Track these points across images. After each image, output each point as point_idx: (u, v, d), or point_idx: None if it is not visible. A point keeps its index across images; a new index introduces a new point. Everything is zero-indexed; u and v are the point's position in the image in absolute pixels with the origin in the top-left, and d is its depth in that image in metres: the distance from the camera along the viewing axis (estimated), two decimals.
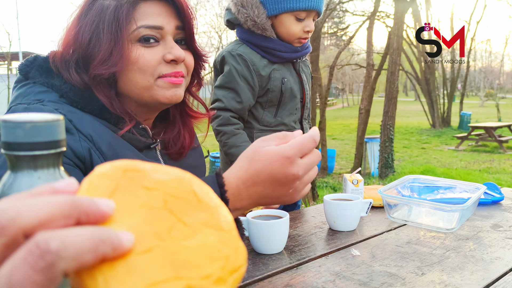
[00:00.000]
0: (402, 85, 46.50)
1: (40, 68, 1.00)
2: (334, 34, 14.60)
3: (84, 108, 0.97)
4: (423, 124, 17.75)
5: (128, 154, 0.98)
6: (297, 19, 1.51)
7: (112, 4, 0.97)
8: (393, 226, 1.26)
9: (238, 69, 1.53)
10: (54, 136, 0.51)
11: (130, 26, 0.97)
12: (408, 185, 1.49)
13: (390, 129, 7.80)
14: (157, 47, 1.00)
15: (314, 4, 1.49)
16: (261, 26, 1.50)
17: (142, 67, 0.98)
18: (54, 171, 0.52)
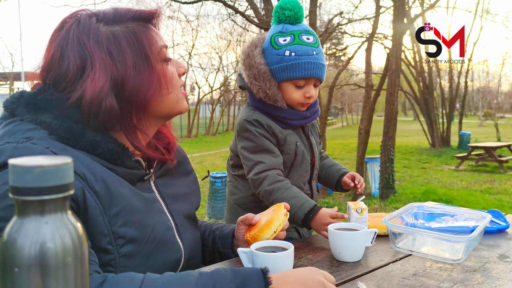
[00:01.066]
0: (401, 104, 46.77)
1: (27, 105, 0.97)
2: (333, 54, 14.74)
3: (75, 145, 0.94)
4: (423, 144, 17.76)
5: (122, 190, 0.97)
6: (296, 87, 1.56)
7: (123, 31, 0.99)
8: (399, 256, 1.25)
9: (260, 132, 1.56)
10: (63, 180, 0.50)
11: (155, 47, 1.02)
12: (412, 213, 1.48)
13: (390, 149, 7.80)
14: (171, 62, 1.08)
15: (311, 72, 1.53)
16: (272, 98, 1.55)
17: (174, 82, 1.06)
18: (62, 215, 0.51)
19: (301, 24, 1.60)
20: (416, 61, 15.76)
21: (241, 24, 9.19)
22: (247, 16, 5.93)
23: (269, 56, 1.56)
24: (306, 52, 1.52)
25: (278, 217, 1.19)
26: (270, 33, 1.60)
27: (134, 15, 1.02)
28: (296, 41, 1.53)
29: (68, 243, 0.51)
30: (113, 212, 0.94)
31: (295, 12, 1.56)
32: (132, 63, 0.97)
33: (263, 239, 1.16)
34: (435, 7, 11.10)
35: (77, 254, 0.51)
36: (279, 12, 1.58)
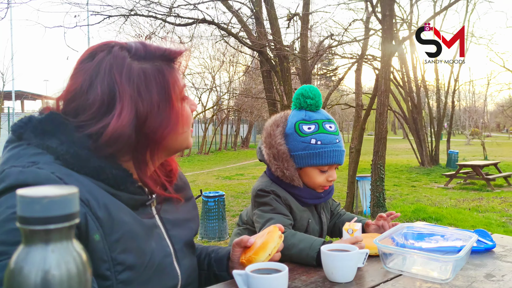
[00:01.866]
0: (390, 123, 47.28)
1: (35, 129, 0.99)
2: (323, 75, 14.95)
3: (80, 171, 0.96)
4: (412, 162, 17.92)
5: (123, 216, 0.98)
6: (321, 172, 1.64)
7: (152, 69, 1.03)
8: (389, 277, 1.27)
9: (277, 199, 1.62)
10: (69, 209, 0.53)
11: (178, 87, 1.06)
12: (402, 233, 1.51)
13: (381, 168, 7.87)
14: (187, 100, 1.12)
15: (336, 159, 1.63)
16: (289, 178, 1.62)
17: (189, 120, 1.11)
18: (67, 243, 0.54)
19: (321, 111, 1.70)
20: (404, 81, 16.05)
21: (234, 45, 9.31)
22: (240, 38, 6.03)
23: (293, 142, 1.63)
24: (330, 141, 1.62)
25: (273, 240, 1.21)
26: (293, 119, 1.66)
27: (163, 53, 1.05)
28: (320, 130, 1.62)
29: (73, 270, 0.53)
30: (113, 238, 0.95)
31: (316, 101, 1.65)
32: (157, 102, 1.01)
33: (258, 261, 1.17)
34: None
35: (81, 280, 0.53)
36: (301, 100, 1.66)
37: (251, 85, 12.74)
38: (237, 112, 24.54)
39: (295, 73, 8.32)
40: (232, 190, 11.27)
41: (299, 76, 7.76)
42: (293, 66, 8.30)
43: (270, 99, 6.47)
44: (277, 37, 6.00)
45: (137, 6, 6.89)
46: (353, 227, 1.42)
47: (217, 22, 6.29)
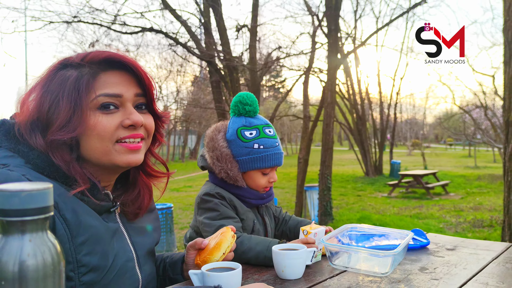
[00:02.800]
0: (337, 135, 48.75)
1: (7, 133, 1.02)
2: (272, 86, 15.27)
3: (50, 175, 0.99)
4: (358, 172, 18.59)
5: (90, 220, 1.02)
6: (263, 174, 1.74)
7: (73, 74, 1.03)
8: (335, 273, 1.38)
9: (223, 203, 1.67)
10: (45, 202, 0.58)
11: (90, 95, 1.03)
12: (347, 233, 1.63)
13: (328, 178, 8.15)
14: (116, 113, 1.06)
15: (277, 162, 1.73)
16: (233, 178, 1.69)
17: (101, 132, 1.03)
18: (42, 234, 0.58)
19: (259, 117, 1.78)
20: (349, 94, 16.73)
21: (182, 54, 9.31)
22: (188, 48, 6.06)
23: (236, 147, 1.70)
24: (272, 145, 1.72)
25: (227, 239, 1.27)
26: (234, 125, 1.72)
27: (100, 59, 1.06)
28: (261, 135, 1.71)
29: (48, 259, 0.57)
30: (79, 240, 0.98)
31: (254, 107, 1.73)
32: (63, 101, 1.01)
33: (213, 261, 1.23)
34: (366, 44, 11.95)
35: (55, 269, 0.58)
36: (239, 107, 1.72)
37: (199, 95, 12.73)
38: (185, 123, 24.33)
39: (244, 84, 8.47)
40: (180, 202, 11.16)
41: (248, 87, 7.91)
42: (242, 77, 8.44)
43: (219, 110, 6.54)
44: (226, 47, 6.10)
45: (80, 12, 6.72)
46: (309, 229, 1.52)
47: (165, 32, 6.27)
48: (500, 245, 1.75)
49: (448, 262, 1.51)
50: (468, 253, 1.62)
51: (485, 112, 13.53)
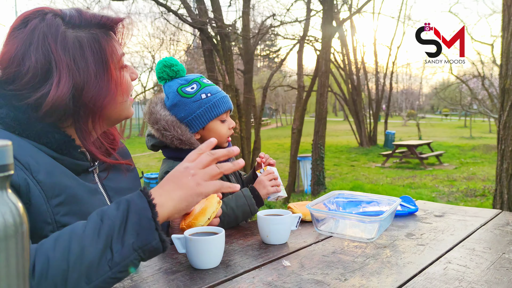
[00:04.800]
0: (331, 105, 48.65)
1: None
2: (266, 56, 15.07)
3: (21, 134, 0.96)
4: (352, 143, 18.68)
5: (65, 180, 0.99)
6: (221, 122, 1.68)
7: (88, 37, 1.01)
8: (320, 238, 1.37)
9: None
10: (2, 161, 0.54)
11: (116, 55, 1.05)
12: (334, 200, 1.62)
13: (321, 148, 8.16)
14: (126, 68, 1.11)
15: (228, 104, 1.70)
16: (187, 142, 1.61)
17: (128, 88, 1.10)
18: (2, 193, 0.55)
19: (194, 74, 1.73)
20: (345, 63, 16.57)
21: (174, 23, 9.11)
22: (179, 15, 5.92)
23: (184, 107, 1.62)
24: (217, 90, 1.68)
25: (212, 205, 1.26)
26: (171, 89, 1.65)
27: (99, 21, 1.04)
28: (203, 85, 1.66)
29: (8, 220, 0.54)
30: (56, 201, 0.96)
31: (181, 66, 1.67)
32: (93, 70, 1.00)
33: (198, 226, 1.22)
34: (362, 12, 11.74)
35: (18, 230, 0.55)
36: (167, 71, 1.65)
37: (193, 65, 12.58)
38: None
39: (237, 53, 8.34)
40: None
41: (241, 56, 7.79)
42: (236, 46, 8.31)
43: (212, 79, 6.45)
44: (218, 14, 5.95)
45: None
46: (267, 168, 1.65)
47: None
48: (489, 211, 1.75)
49: (435, 228, 1.51)
50: (456, 219, 1.62)
51: (483, 81, 13.48)
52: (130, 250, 0.84)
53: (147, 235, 0.85)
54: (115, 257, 0.82)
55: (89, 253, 0.81)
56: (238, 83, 10.51)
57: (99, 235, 0.83)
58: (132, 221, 0.85)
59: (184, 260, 1.17)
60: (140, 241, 0.84)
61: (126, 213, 0.85)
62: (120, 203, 0.88)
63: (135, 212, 0.86)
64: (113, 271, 0.82)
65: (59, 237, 0.83)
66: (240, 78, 9.05)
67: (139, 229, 0.85)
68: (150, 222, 0.86)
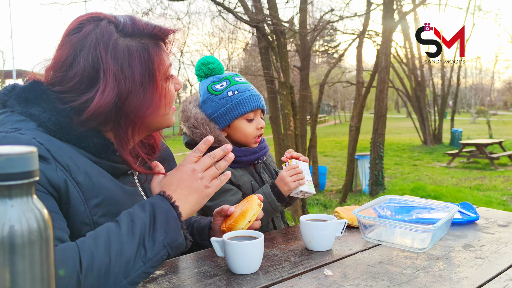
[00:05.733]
0: (393, 102, 46.94)
1: (18, 97, 1.02)
2: (324, 52, 14.81)
3: (62, 137, 0.99)
4: (415, 141, 17.90)
5: (104, 182, 1.02)
6: (248, 121, 1.66)
7: (138, 47, 1.02)
8: (368, 246, 1.30)
9: None
10: (28, 167, 0.55)
11: (163, 66, 1.06)
12: (384, 205, 1.54)
13: (380, 146, 7.88)
14: (171, 79, 1.11)
15: (257, 103, 1.65)
16: (216, 140, 1.61)
17: (172, 98, 1.10)
18: (27, 199, 0.56)
19: (228, 72, 1.73)
20: (408, 58, 15.87)
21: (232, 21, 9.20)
22: (235, 14, 5.95)
23: (211, 104, 1.64)
24: (246, 88, 1.65)
25: (252, 208, 1.24)
26: (202, 87, 1.68)
27: (152, 31, 1.04)
28: (233, 83, 1.65)
29: (33, 225, 0.55)
30: (94, 202, 0.98)
31: (218, 64, 1.69)
32: (139, 81, 1.01)
33: (238, 228, 1.21)
34: (426, 4, 11.16)
35: (42, 235, 0.56)
36: (203, 68, 1.68)
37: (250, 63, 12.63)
38: None
39: (294, 50, 8.25)
40: None
41: (298, 52, 7.70)
42: (293, 43, 8.22)
43: (267, 77, 6.42)
44: (273, 11, 5.90)
45: None
46: (290, 162, 1.60)
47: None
48: None
49: (498, 239, 1.38)
50: None
51: None
52: (161, 247, 0.91)
53: (175, 233, 0.94)
54: (148, 253, 0.89)
55: (127, 250, 0.87)
56: (295, 80, 10.42)
57: (133, 233, 0.89)
58: (160, 221, 0.92)
59: (223, 264, 1.15)
60: (169, 238, 0.92)
61: (153, 214, 0.93)
62: (144, 205, 0.95)
63: (162, 212, 0.93)
64: (147, 266, 0.89)
65: (97, 235, 0.88)
66: (297, 75, 8.96)
67: (167, 227, 0.93)
68: (176, 221, 0.94)
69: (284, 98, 5.80)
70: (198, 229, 1.37)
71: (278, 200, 1.55)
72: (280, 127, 6.69)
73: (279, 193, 1.55)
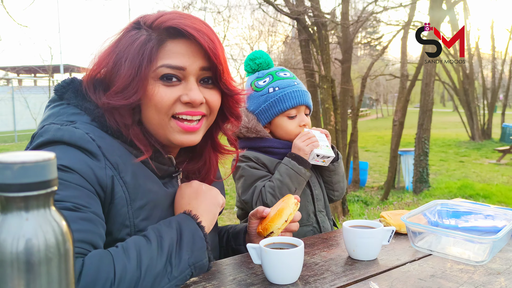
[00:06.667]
0: (439, 95, 45.20)
1: (76, 91, 1.02)
2: (367, 44, 14.39)
3: (114, 134, 0.98)
4: (462, 136, 17.16)
5: (150, 185, 1.00)
6: (289, 118, 1.61)
7: (141, 38, 0.98)
8: (417, 256, 1.19)
9: (250, 165, 1.59)
10: (44, 176, 0.50)
11: (154, 63, 0.98)
12: (436, 210, 1.42)
13: (425, 142, 7.56)
14: (177, 86, 1.00)
15: (299, 100, 1.59)
16: (254, 129, 1.59)
17: (157, 104, 0.99)
18: (45, 211, 0.51)
19: (274, 67, 1.68)
20: (456, 49, 15.17)
21: (273, 14, 9.08)
22: (276, 6, 5.85)
23: (253, 101, 1.62)
24: (288, 84, 1.60)
25: (289, 206, 1.16)
26: (248, 83, 1.67)
27: (168, 26, 0.98)
28: (275, 78, 1.61)
29: (51, 240, 0.50)
30: (138, 205, 0.97)
31: (265, 59, 1.66)
32: (129, 71, 0.96)
33: (274, 228, 1.14)
34: None
35: (60, 250, 0.51)
36: (251, 64, 1.67)
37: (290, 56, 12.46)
38: None
39: (336, 42, 8.03)
40: None
41: (339, 44, 7.49)
42: (334, 35, 8.01)
43: (308, 70, 6.27)
44: (314, 3, 5.74)
45: None
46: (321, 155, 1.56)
47: None
48: None
49: None
50: None
51: None
52: (186, 265, 0.90)
53: (200, 253, 0.93)
54: (174, 271, 0.88)
55: (156, 265, 0.86)
56: (336, 73, 10.18)
57: (162, 249, 0.88)
58: (187, 239, 0.92)
59: (259, 271, 1.08)
60: (194, 258, 0.92)
61: (180, 232, 0.92)
62: (171, 222, 0.94)
63: (188, 231, 0.93)
64: (171, 284, 0.88)
65: (128, 248, 0.86)
66: (338, 68, 8.74)
67: (193, 246, 0.92)
68: (202, 242, 0.94)
69: (324, 92, 5.65)
70: (233, 234, 1.32)
71: (299, 164, 1.52)
72: (320, 121, 6.54)
73: (298, 156, 1.53)
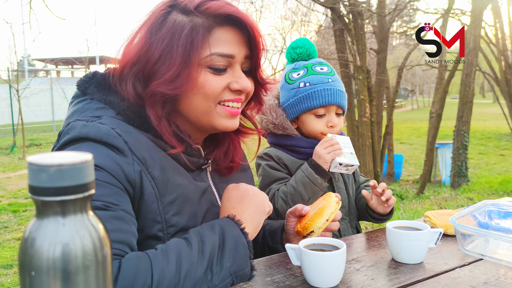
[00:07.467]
0: (478, 86, 43.51)
1: (98, 85, 1.00)
2: (403, 33, 13.97)
3: (140, 127, 0.96)
4: (502, 129, 16.48)
5: (179, 179, 0.98)
6: (316, 116, 1.53)
7: (187, 23, 0.95)
8: (467, 261, 1.12)
9: (270, 165, 1.54)
10: (81, 179, 0.47)
11: (204, 51, 0.96)
12: (486, 210, 1.33)
13: (464, 135, 7.29)
14: (224, 74, 0.99)
15: (329, 99, 1.50)
16: (280, 126, 1.53)
17: (208, 92, 0.97)
18: (82, 216, 0.48)
19: (315, 58, 1.60)
20: (498, 38, 14.49)
21: (306, 3, 8.94)
22: None
23: (284, 93, 1.57)
24: (321, 81, 1.51)
25: (330, 205, 1.12)
26: (284, 72, 1.60)
27: (219, 13, 0.96)
28: (310, 73, 1.53)
29: (88, 245, 0.48)
30: (168, 200, 0.95)
31: (307, 49, 1.57)
32: (180, 59, 0.94)
33: (315, 228, 1.10)
34: None
35: (97, 257, 0.48)
36: (291, 52, 1.60)
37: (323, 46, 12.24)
38: None
39: (371, 31, 7.82)
40: None
41: (375, 34, 7.28)
42: (369, 24, 7.79)
43: (342, 60, 6.13)
44: None
45: None
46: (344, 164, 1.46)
47: None
48: None
49: None
50: None
51: None
52: (227, 274, 0.87)
53: (243, 262, 0.89)
54: (214, 279, 0.84)
55: (196, 271, 0.83)
56: (371, 63, 9.94)
57: (203, 255, 0.85)
58: (229, 246, 0.88)
59: (298, 273, 1.04)
60: (235, 266, 0.88)
61: (223, 237, 0.88)
62: (213, 226, 0.90)
63: (231, 237, 0.89)
64: None
65: (168, 251, 0.84)
66: (373, 58, 8.52)
67: (235, 254, 0.88)
68: (245, 250, 0.90)
69: (360, 83, 5.51)
70: (270, 232, 1.28)
71: (317, 173, 1.43)
72: (354, 113, 6.40)
73: (317, 165, 1.44)
